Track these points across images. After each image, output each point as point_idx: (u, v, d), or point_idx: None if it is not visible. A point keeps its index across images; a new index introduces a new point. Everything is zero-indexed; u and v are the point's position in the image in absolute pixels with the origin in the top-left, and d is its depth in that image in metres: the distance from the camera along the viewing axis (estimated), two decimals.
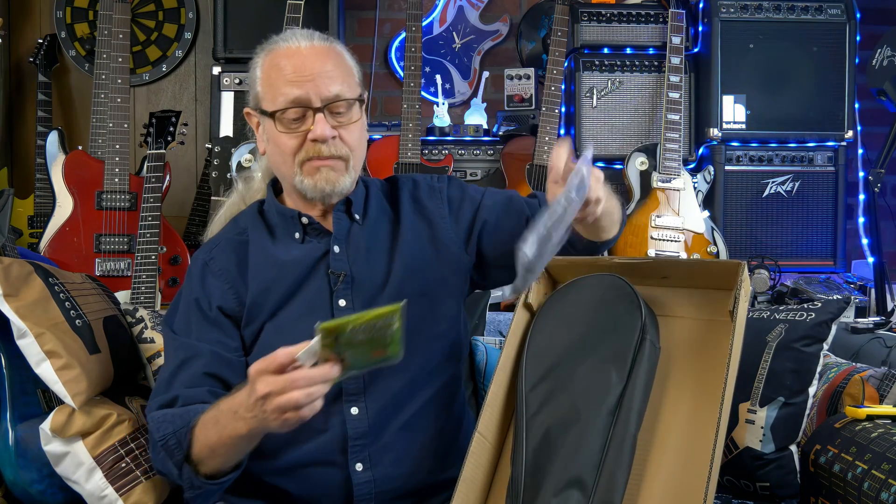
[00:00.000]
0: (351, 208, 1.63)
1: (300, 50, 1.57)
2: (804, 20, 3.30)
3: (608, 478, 1.34)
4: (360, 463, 1.53)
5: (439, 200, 1.69)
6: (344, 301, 1.57)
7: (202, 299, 1.59)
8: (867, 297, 2.99)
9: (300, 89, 1.53)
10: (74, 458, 1.79)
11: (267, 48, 1.61)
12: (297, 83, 1.53)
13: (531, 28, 3.76)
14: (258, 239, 1.63)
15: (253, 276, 1.60)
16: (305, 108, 1.54)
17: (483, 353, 2.23)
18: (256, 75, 1.61)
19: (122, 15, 3.13)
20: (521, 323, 1.54)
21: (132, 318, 2.03)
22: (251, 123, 1.65)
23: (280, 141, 1.56)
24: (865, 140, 3.48)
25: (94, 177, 3.08)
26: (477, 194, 1.71)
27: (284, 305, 1.57)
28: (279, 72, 1.55)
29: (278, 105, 1.54)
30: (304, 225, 1.62)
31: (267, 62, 1.59)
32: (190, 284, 1.63)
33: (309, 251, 1.60)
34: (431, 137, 3.42)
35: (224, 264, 1.61)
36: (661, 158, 3.21)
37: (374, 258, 1.61)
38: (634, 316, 1.43)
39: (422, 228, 1.66)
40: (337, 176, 1.57)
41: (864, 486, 1.56)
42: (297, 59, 1.55)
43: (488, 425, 1.48)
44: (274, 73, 1.56)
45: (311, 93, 1.53)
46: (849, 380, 1.98)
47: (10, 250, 2.36)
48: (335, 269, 1.58)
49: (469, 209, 1.69)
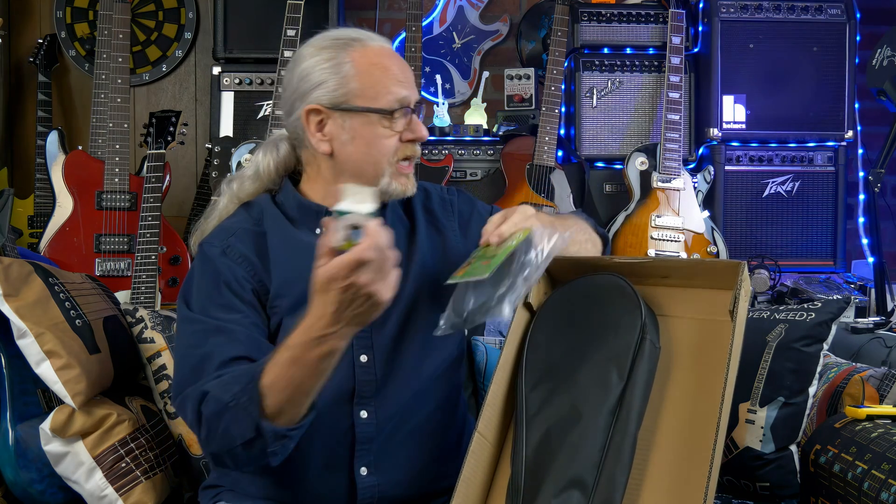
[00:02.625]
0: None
1: (391, 51, 1.58)
2: (804, 20, 3.30)
3: (608, 478, 1.34)
4: (364, 467, 1.53)
5: (451, 213, 1.69)
6: None
7: (232, 281, 1.52)
8: (867, 297, 2.99)
9: (406, 90, 1.54)
10: (74, 458, 1.79)
11: (343, 43, 1.56)
12: (404, 84, 1.54)
13: (531, 28, 3.76)
14: (278, 228, 1.59)
15: (276, 265, 1.55)
16: (409, 108, 1.55)
17: (483, 353, 2.23)
18: (345, 71, 1.53)
19: (122, 15, 3.13)
20: (521, 323, 1.54)
21: (132, 318, 2.03)
22: (308, 122, 1.56)
23: (378, 140, 1.54)
24: (865, 140, 3.48)
25: (94, 177, 3.08)
26: (485, 211, 1.71)
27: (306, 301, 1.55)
28: (385, 71, 1.54)
29: (387, 103, 1.53)
30: None
31: (361, 58, 1.54)
32: (209, 268, 1.55)
33: None
34: (431, 137, 3.42)
35: (243, 252, 1.55)
36: (661, 158, 3.21)
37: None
38: (634, 316, 1.43)
39: (435, 239, 1.65)
40: (416, 180, 1.61)
41: (864, 486, 1.56)
42: (397, 60, 1.56)
43: (488, 425, 1.48)
44: (378, 72, 1.53)
45: (412, 94, 1.56)
46: (849, 380, 1.98)
47: (10, 250, 2.36)
48: None
49: (477, 225, 1.65)
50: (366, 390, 1.54)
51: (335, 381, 1.51)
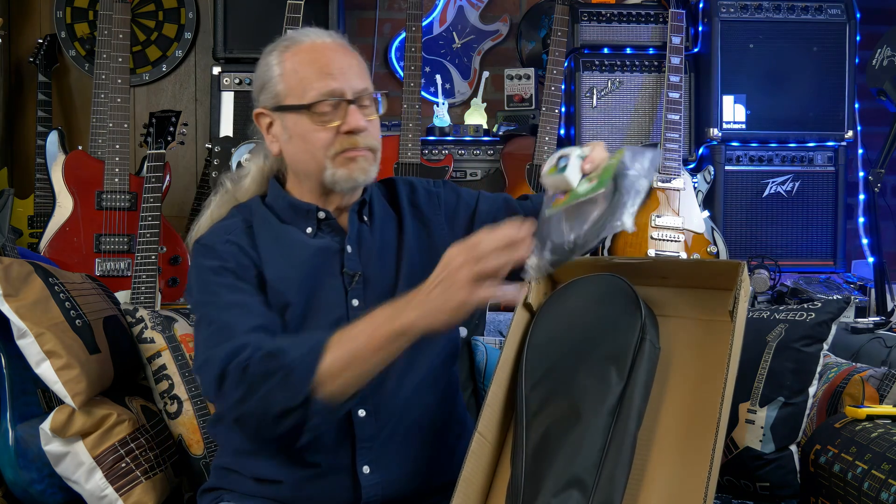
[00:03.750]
0: (363, 210, 1.63)
1: (326, 45, 1.57)
2: (804, 20, 3.30)
3: (608, 478, 1.34)
4: (367, 465, 1.53)
5: (436, 206, 1.68)
6: (357, 301, 1.56)
7: (236, 267, 1.54)
8: (867, 297, 2.99)
9: (334, 81, 1.53)
10: (74, 458, 1.79)
11: (282, 45, 1.59)
12: (331, 76, 1.53)
13: (531, 28, 3.76)
14: (268, 228, 1.60)
15: (267, 263, 1.56)
16: (339, 99, 1.53)
17: (483, 353, 2.23)
18: (275, 73, 1.57)
19: (122, 15, 3.13)
20: (521, 323, 1.54)
21: (132, 318, 2.03)
22: (260, 124, 1.62)
23: (310, 136, 1.54)
24: (865, 140, 3.48)
25: (94, 177, 3.08)
26: (471, 200, 1.71)
27: (302, 302, 1.55)
28: (309, 65, 1.54)
29: (310, 98, 1.53)
30: (320, 220, 1.60)
31: (289, 58, 1.56)
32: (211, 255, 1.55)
33: (321, 246, 1.58)
34: (431, 137, 3.42)
35: (245, 246, 1.57)
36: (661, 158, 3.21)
37: (384, 260, 1.61)
38: (634, 316, 1.43)
39: (422, 234, 1.66)
40: (369, 166, 1.57)
41: (864, 486, 1.56)
42: (326, 52, 1.56)
43: (488, 425, 1.48)
44: (302, 68, 1.55)
45: (343, 85, 1.54)
46: (849, 380, 1.98)
47: (10, 250, 2.36)
48: (350, 269, 1.57)
49: (464, 215, 1.68)
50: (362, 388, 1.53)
51: None
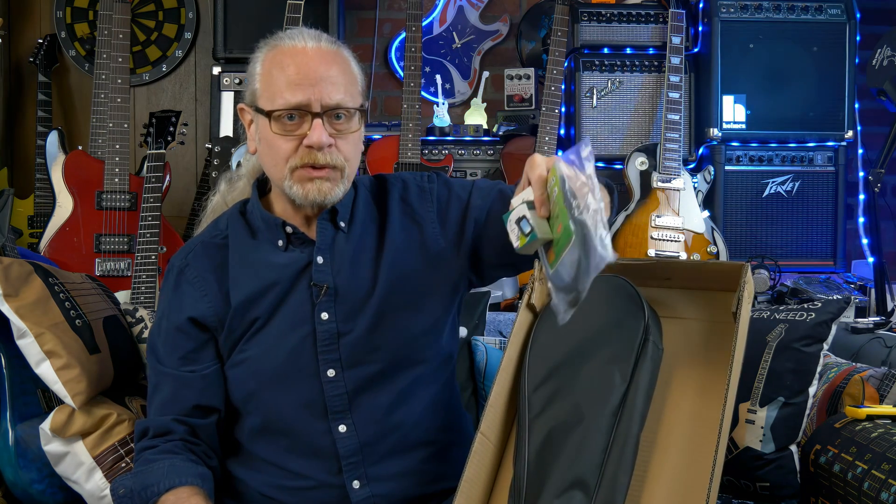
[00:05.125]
0: (336, 217, 1.56)
1: (306, 50, 1.49)
2: (804, 20, 3.30)
3: (611, 478, 1.34)
4: (356, 480, 1.51)
5: (429, 202, 1.61)
6: (326, 314, 1.52)
7: (172, 314, 1.57)
8: (867, 297, 2.99)
9: (302, 93, 1.46)
10: (74, 458, 1.79)
11: (270, 43, 1.53)
12: (300, 86, 1.46)
13: (531, 28, 3.76)
14: (239, 244, 1.58)
15: (234, 285, 1.55)
16: (304, 112, 1.47)
17: (483, 354, 2.23)
18: (256, 71, 1.52)
19: (122, 15, 3.13)
20: (524, 323, 1.54)
21: (132, 318, 2.03)
22: (243, 120, 1.58)
23: (274, 143, 1.48)
24: (865, 140, 3.48)
25: (94, 177, 3.08)
26: (464, 193, 1.62)
27: (268, 320, 1.53)
28: (281, 71, 1.48)
29: (276, 105, 1.47)
30: (288, 234, 1.55)
31: (269, 58, 1.51)
32: (164, 296, 1.62)
33: (292, 261, 1.54)
34: (431, 137, 3.42)
35: (199, 271, 1.57)
36: (661, 158, 3.21)
37: (359, 268, 1.55)
38: (637, 317, 1.43)
39: (412, 233, 1.59)
40: (331, 187, 1.49)
41: (864, 486, 1.56)
42: (301, 60, 1.48)
43: (491, 426, 1.47)
44: (276, 72, 1.48)
45: (312, 97, 1.46)
46: (849, 380, 1.98)
47: (10, 250, 2.36)
48: (318, 281, 1.52)
49: (456, 209, 1.61)
50: (337, 404, 1.51)
51: (303, 398, 1.51)
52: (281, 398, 1.52)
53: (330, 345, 1.51)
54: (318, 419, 1.51)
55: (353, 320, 1.52)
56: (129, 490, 1.50)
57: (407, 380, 1.54)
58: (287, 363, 1.52)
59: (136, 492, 1.49)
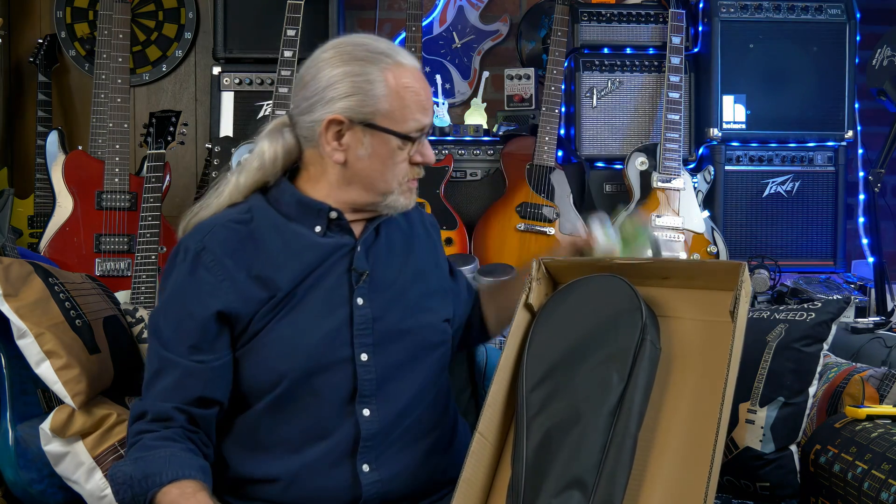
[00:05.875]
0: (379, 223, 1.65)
1: (417, 70, 1.58)
2: (804, 20, 3.31)
3: (608, 478, 1.34)
4: (366, 464, 1.54)
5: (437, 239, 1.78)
6: (362, 300, 1.56)
7: (188, 300, 1.52)
8: (867, 297, 2.99)
9: (427, 117, 1.57)
10: (74, 458, 1.79)
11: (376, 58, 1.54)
12: (427, 111, 1.57)
13: (531, 28, 3.76)
14: (271, 223, 1.58)
15: (265, 265, 1.54)
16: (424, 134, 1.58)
17: (483, 354, 2.23)
18: (379, 90, 1.52)
19: (122, 15, 3.13)
20: (521, 323, 1.54)
21: (132, 318, 2.03)
22: (325, 129, 1.54)
23: (397, 160, 1.56)
24: (865, 140, 3.48)
25: (94, 177, 3.08)
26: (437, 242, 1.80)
27: (302, 299, 1.54)
28: (415, 95, 1.54)
29: (410, 128, 1.54)
30: (331, 220, 1.58)
31: (394, 78, 1.53)
32: (175, 278, 1.55)
33: (329, 245, 1.57)
34: (431, 137, 3.41)
35: (217, 255, 1.53)
36: (661, 158, 3.21)
37: (392, 259, 1.64)
38: (635, 316, 1.43)
39: (429, 247, 1.73)
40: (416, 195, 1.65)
41: (864, 486, 1.56)
42: (421, 82, 1.57)
43: (489, 426, 1.48)
44: (409, 95, 1.53)
45: (430, 120, 1.59)
46: (849, 380, 1.98)
47: (10, 250, 2.36)
48: (358, 268, 1.57)
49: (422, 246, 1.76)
50: (366, 389, 1.54)
51: (337, 381, 1.54)
52: (311, 379, 1.53)
53: (365, 329, 1.55)
54: (346, 402, 1.54)
55: (385, 307, 1.59)
56: (129, 476, 1.47)
57: (423, 373, 1.61)
58: (322, 344, 1.53)
59: (137, 479, 1.46)
